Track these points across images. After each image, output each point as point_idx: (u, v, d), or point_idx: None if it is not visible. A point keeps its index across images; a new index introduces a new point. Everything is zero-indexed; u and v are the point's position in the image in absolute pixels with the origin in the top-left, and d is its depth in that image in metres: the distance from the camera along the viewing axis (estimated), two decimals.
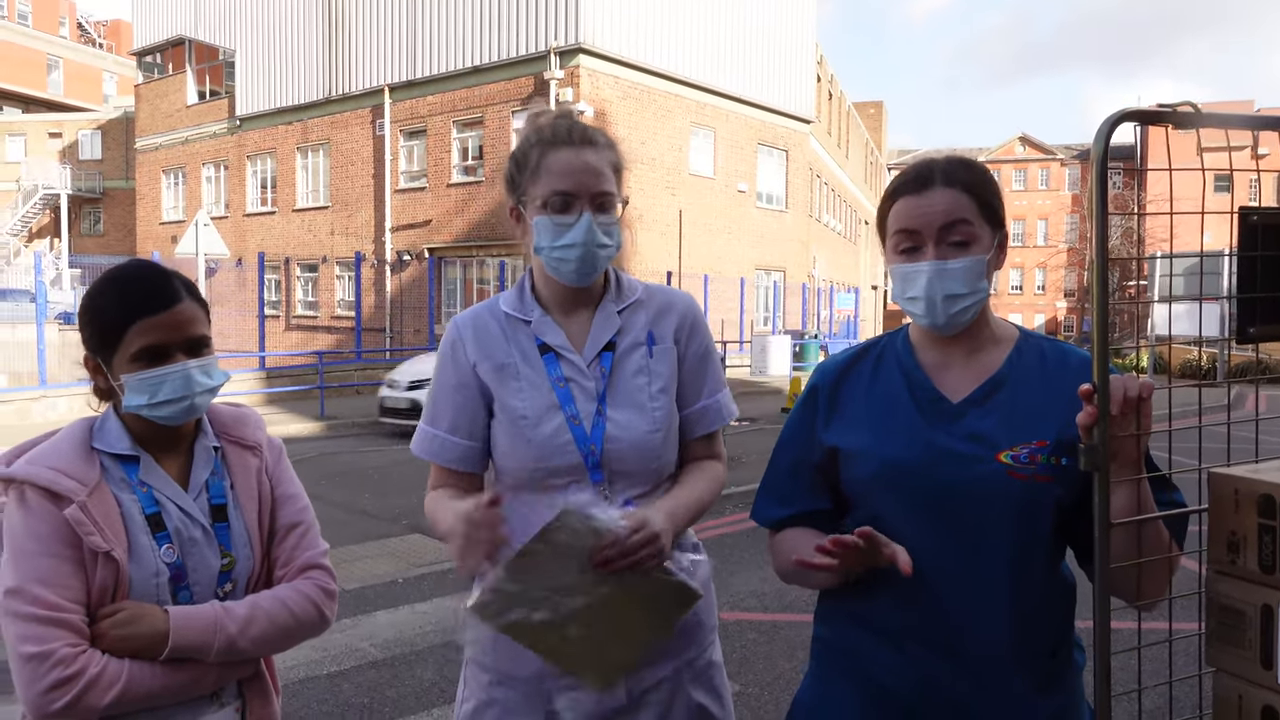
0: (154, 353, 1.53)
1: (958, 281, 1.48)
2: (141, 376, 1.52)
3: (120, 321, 1.52)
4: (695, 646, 1.77)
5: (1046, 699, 1.48)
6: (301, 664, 4.55)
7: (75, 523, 1.44)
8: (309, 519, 1.73)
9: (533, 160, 1.69)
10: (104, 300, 1.55)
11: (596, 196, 1.68)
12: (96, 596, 1.46)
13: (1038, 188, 68.74)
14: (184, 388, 1.54)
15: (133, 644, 1.45)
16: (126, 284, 1.55)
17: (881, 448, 1.53)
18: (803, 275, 29.74)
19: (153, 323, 1.52)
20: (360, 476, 9.63)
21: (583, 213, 1.67)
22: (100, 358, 1.56)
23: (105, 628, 1.45)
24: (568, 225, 1.67)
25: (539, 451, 1.68)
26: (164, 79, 32.63)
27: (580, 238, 1.66)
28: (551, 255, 1.69)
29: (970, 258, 1.48)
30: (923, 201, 1.50)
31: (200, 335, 1.58)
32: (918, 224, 1.50)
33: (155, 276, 1.57)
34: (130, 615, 1.46)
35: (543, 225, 1.68)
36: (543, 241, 1.69)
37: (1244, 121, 1.35)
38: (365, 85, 25.41)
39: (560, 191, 1.66)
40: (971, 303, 1.50)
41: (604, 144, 1.72)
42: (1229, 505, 1.30)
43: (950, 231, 1.48)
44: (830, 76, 35.78)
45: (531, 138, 1.72)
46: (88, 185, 46.03)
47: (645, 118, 22.40)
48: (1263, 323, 1.38)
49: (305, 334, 26.93)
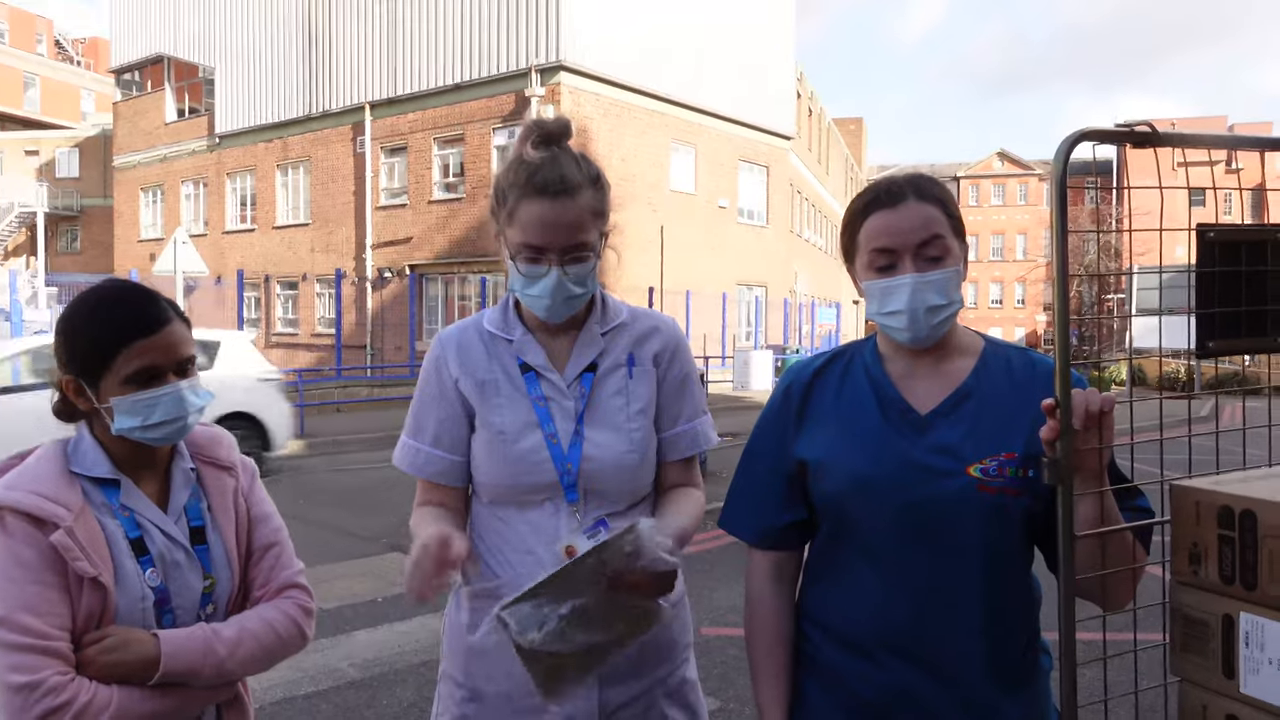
0: (148, 375, 1.52)
1: (938, 293, 1.50)
2: (135, 399, 1.51)
3: (111, 344, 1.50)
4: (668, 664, 1.77)
5: (1015, 701, 1.50)
6: (279, 684, 4.50)
7: (62, 548, 1.42)
8: (283, 539, 1.73)
9: (509, 202, 1.67)
10: (92, 321, 1.53)
11: (569, 250, 1.65)
12: (82, 623, 1.44)
13: (1016, 203, 69.51)
14: (177, 409, 1.54)
15: (121, 670, 1.44)
16: (115, 305, 1.54)
17: (850, 461, 1.54)
18: (784, 290, 29.87)
19: (146, 345, 1.51)
20: (340, 495, 9.57)
21: (550, 268, 1.65)
22: (84, 380, 1.53)
23: (93, 654, 1.43)
24: (536, 277, 1.66)
25: (515, 468, 1.68)
26: (142, 96, 32.51)
27: (547, 291, 1.66)
28: (524, 296, 1.71)
29: (948, 269, 1.51)
30: (897, 215, 1.51)
31: (190, 355, 1.58)
32: (895, 238, 1.51)
33: (143, 297, 1.56)
34: (118, 641, 1.45)
35: (514, 269, 1.69)
36: (515, 284, 1.71)
37: (1200, 141, 1.38)
38: (346, 102, 25.40)
39: (530, 245, 1.65)
40: (950, 314, 1.52)
41: (586, 188, 1.66)
42: (1190, 517, 1.33)
43: (927, 246, 1.50)
44: (810, 93, 36.07)
45: (511, 176, 1.68)
46: (65, 203, 45.70)
47: (626, 135, 22.50)
48: (1221, 337, 1.41)
49: (286, 351, 26.77)
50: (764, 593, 1.67)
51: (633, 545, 1.48)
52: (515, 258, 1.68)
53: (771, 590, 1.67)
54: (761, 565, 1.69)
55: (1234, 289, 1.41)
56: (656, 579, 1.52)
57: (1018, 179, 69.73)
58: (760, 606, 1.67)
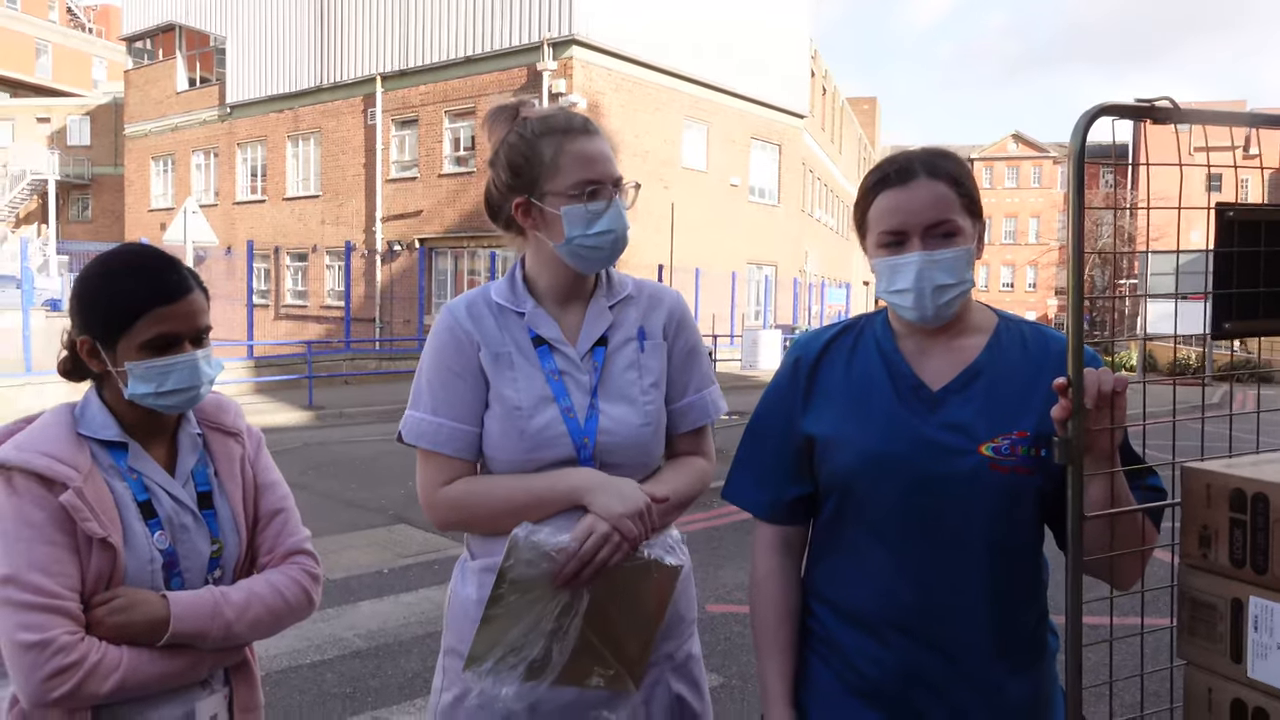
0: (166, 341, 1.52)
1: (946, 272, 1.47)
2: (150, 365, 1.51)
3: (134, 308, 1.50)
4: (674, 639, 1.77)
5: (1023, 680, 1.50)
6: (284, 653, 4.54)
7: (72, 509, 1.42)
8: (290, 505, 1.73)
9: (547, 152, 1.69)
10: (114, 284, 1.52)
11: (616, 182, 1.72)
12: (92, 584, 1.45)
13: (1030, 185, 68.99)
14: (191, 378, 1.54)
15: (130, 630, 1.44)
16: (139, 270, 1.53)
17: (861, 437, 1.53)
18: (794, 270, 29.76)
19: (167, 312, 1.51)
20: (348, 466, 9.61)
21: (612, 199, 1.70)
22: (101, 342, 1.53)
23: (102, 614, 1.44)
24: (600, 213, 1.69)
25: (532, 443, 1.66)
26: (154, 65, 32.41)
27: (614, 224, 1.70)
28: (584, 244, 1.69)
29: (958, 248, 1.48)
30: (907, 194, 1.49)
31: (207, 326, 1.58)
32: (903, 216, 1.48)
33: (166, 264, 1.56)
34: (127, 602, 1.45)
35: (574, 215, 1.68)
36: (574, 231, 1.68)
37: (1221, 118, 1.36)
38: (357, 74, 25.28)
39: (590, 180, 1.68)
40: (959, 293, 1.49)
41: (601, 131, 1.77)
42: (1201, 499, 1.31)
43: (938, 227, 1.48)
44: (824, 71, 35.76)
45: (537, 128, 1.71)
46: (76, 171, 45.74)
47: (638, 111, 22.36)
48: (1238, 318, 1.39)
49: (294, 323, 26.83)
50: (770, 566, 1.67)
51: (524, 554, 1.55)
52: (575, 199, 1.68)
53: (778, 564, 1.66)
54: (768, 539, 1.68)
55: (1252, 270, 1.39)
56: (594, 554, 1.56)
57: (1032, 161, 69.17)
58: (767, 581, 1.66)
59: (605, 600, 1.58)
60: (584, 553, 1.56)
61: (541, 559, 1.55)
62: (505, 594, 1.56)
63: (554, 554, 1.55)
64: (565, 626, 1.57)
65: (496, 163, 1.77)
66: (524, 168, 1.71)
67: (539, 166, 1.70)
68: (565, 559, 1.56)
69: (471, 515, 1.70)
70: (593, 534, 1.57)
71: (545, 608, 1.56)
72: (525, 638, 1.56)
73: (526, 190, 1.72)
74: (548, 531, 1.57)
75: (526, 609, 1.56)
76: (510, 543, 1.56)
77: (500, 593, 1.56)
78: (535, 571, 1.55)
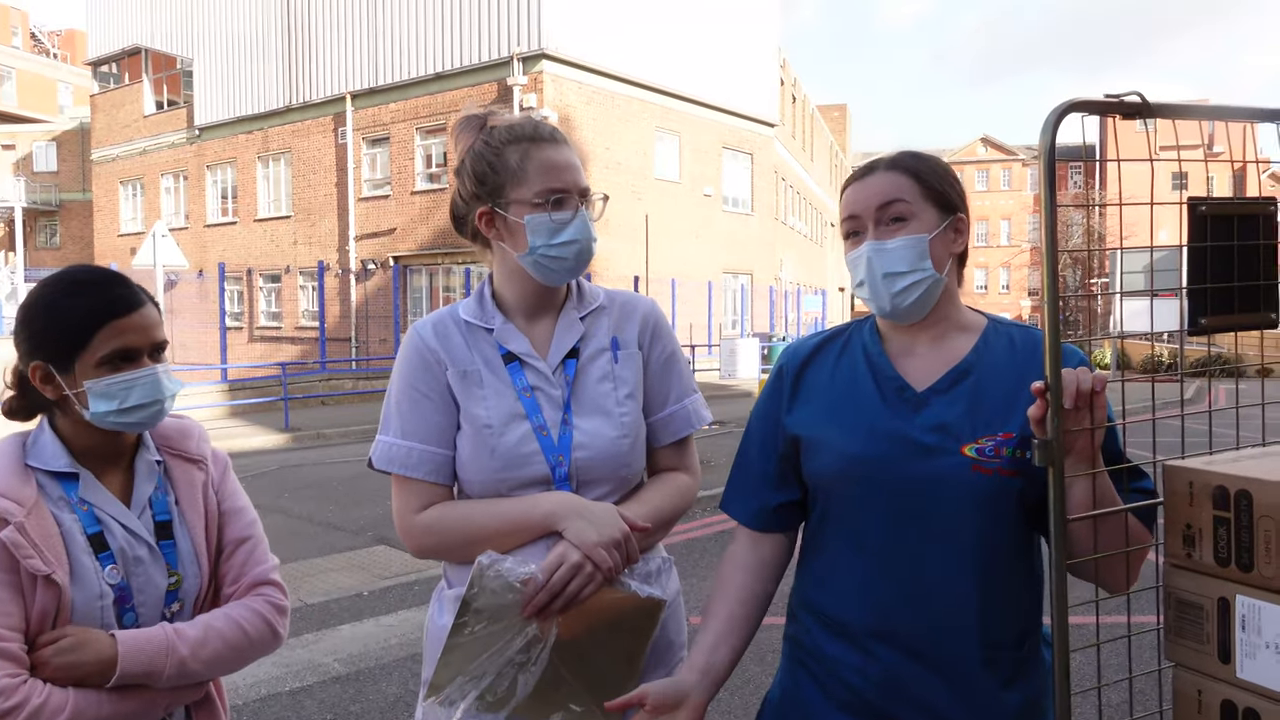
0: (124, 356, 1.47)
1: (895, 260, 1.47)
2: (111, 381, 1.46)
3: (89, 324, 1.46)
4: (662, 667, 1.71)
5: (1014, 692, 1.46)
6: (263, 681, 4.45)
7: (13, 545, 1.37)
8: (257, 533, 1.67)
9: (513, 160, 1.66)
10: (66, 303, 1.48)
11: (583, 193, 1.69)
12: (36, 622, 1.39)
13: (1000, 188, 69.66)
14: (155, 392, 1.49)
15: (77, 671, 1.39)
16: (87, 286, 1.49)
17: (843, 439, 1.50)
18: (770, 278, 29.85)
19: (123, 324, 1.47)
20: (325, 488, 9.50)
21: (578, 209, 1.67)
22: (55, 365, 1.48)
23: (48, 655, 1.38)
24: (565, 222, 1.66)
25: (502, 462, 1.62)
26: (120, 89, 32.12)
27: (579, 234, 1.67)
28: (548, 253, 1.66)
29: (907, 236, 1.47)
30: (864, 185, 1.52)
31: (163, 340, 1.54)
32: (857, 207, 1.51)
33: (113, 279, 1.53)
34: (74, 642, 1.39)
35: (538, 224, 1.65)
36: (538, 241, 1.65)
37: (1189, 111, 1.34)
38: (326, 93, 25.15)
39: (555, 189, 1.66)
40: (913, 282, 1.47)
41: (569, 142, 1.75)
42: (1184, 498, 1.29)
43: (886, 210, 1.48)
44: (794, 80, 35.99)
45: (503, 136, 1.68)
46: (43, 198, 45.22)
47: (610, 122, 22.39)
48: (1214, 313, 1.37)
49: (269, 345, 26.58)
50: (735, 551, 1.65)
51: (489, 584, 1.51)
52: (539, 208, 1.65)
53: (745, 549, 1.64)
54: (743, 534, 1.66)
55: (1226, 264, 1.38)
56: (564, 585, 1.53)
57: (1001, 164, 69.88)
58: (727, 562, 1.64)
59: (579, 632, 1.53)
60: (554, 584, 1.52)
61: (506, 589, 1.51)
62: (469, 623, 1.52)
63: (518, 584, 1.51)
64: (533, 658, 1.52)
65: (462, 171, 1.73)
66: (489, 176, 1.68)
67: (504, 174, 1.67)
68: (533, 590, 1.52)
69: (445, 542, 1.65)
70: (564, 564, 1.53)
71: (512, 639, 1.52)
72: (487, 667, 1.51)
73: (491, 199, 1.69)
74: (512, 561, 1.53)
75: (492, 639, 1.52)
76: (475, 571, 1.52)
77: (463, 621, 1.52)
78: (501, 601, 1.51)
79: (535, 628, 1.52)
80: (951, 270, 1.53)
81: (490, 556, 1.53)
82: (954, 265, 1.53)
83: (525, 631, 1.52)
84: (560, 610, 1.53)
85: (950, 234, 1.51)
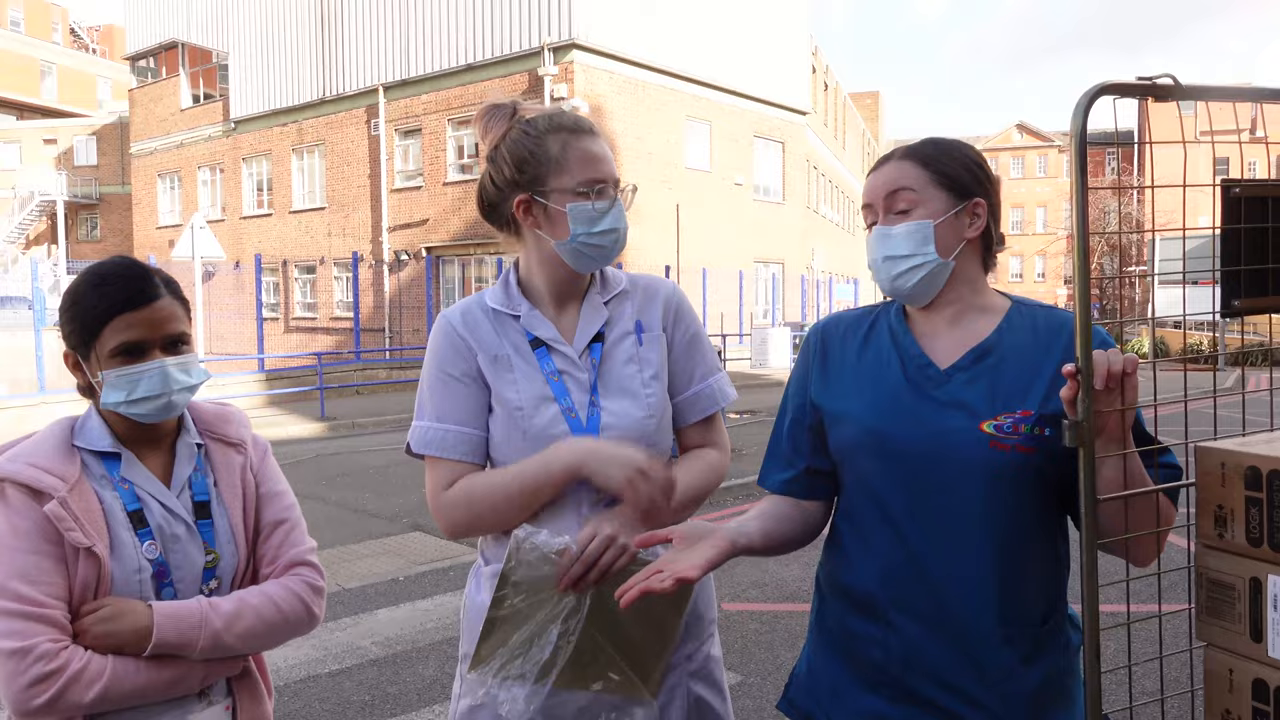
0: (131, 349, 1.52)
1: (896, 244, 1.52)
2: (119, 373, 1.52)
3: (99, 317, 1.52)
4: (694, 640, 1.76)
5: (1034, 669, 1.47)
6: (303, 663, 4.54)
7: (56, 518, 1.44)
8: (295, 516, 1.72)
9: (553, 149, 1.69)
10: (83, 296, 1.55)
11: (616, 183, 1.74)
12: (79, 593, 1.45)
13: (1036, 175, 68.73)
14: (161, 385, 1.54)
15: (115, 640, 1.45)
16: (105, 280, 1.55)
17: (865, 413, 1.54)
18: (801, 267, 29.70)
19: (130, 319, 1.52)
20: (361, 476, 9.63)
21: (614, 199, 1.72)
22: (79, 354, 1.56)
23: (88, 624, 1.44)
24: (605, 211, 1.70)
25: (534, 444, 1.66)
26: (158, 83, 32.59)
27: (618, 223, 1.72)
28: (589, 241, 1.70)
29: (909, 222, 1.52)
30: (876, 175, 1.58)
31: (179, 332, 1.58)
32: (870, 196, 1.58)
33: (134, 273, 1.57)
34: (113, 611, 1.46)
35: (580, 212, 1.69)
36: (579, 229, 1.69)
37: (1224, 93, 1.34)
38: (359, 85, 25.37)
39: (596, 179, 1.70)
40: (912, 266, 1.51)
41: (601, 133, 1.79)
42: (1215, 479, 1.29)
43: (894, 199, 1.53)
44: (825, 67, 35.70)
45: (543, 125, 1.72)
46: (84, 191, 46.05)
47: (640, 112, 22.37)
48: (1247, 295, 1.37)
49: (304, 335, 26.92)
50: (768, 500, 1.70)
51: (525, 556, 1.54)
52: (581, 198, 1.69)
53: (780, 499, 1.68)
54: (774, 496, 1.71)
55: (1261, 246, 1.37)
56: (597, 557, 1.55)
57: (1037, 151, 68.92)
58: (762, 502, 1.69)
59: (613, 603, 1.57)
60: (588, 555, 1.55)
61: (543, 561, 1.55)
62: (508, 596, 1.56)
63: (555, 556, 1.55)
64: (571, 629, 1.55)
65: (498, 157, 1.75)
66: (529, 163, 1.71)
67: (546, 163, 1.69)
68: (569, 561, 1.55)
69: (474, 513, 1.68)
70: (598, 535, 1.56)
71: (551, 610, 1.55)
72: (530, 640, 1.55)
73: (530, 187, 1.71)
74: (547, 534, 1.57)
75: (531, 611, 1.55)
76: (511, 545, 1.56)
77: (503, 595, 1.56)
78: (538, 574, 1.55)
79: (572, 599, 1.56)
80: (966, 254, 1.55)
81: (526, 530, 1.57)
82: (970, 249, 1.55)
83: (563, 603, 1.55)
84: (595, 581, 1.56)
85: (963, 219, 1.53)
